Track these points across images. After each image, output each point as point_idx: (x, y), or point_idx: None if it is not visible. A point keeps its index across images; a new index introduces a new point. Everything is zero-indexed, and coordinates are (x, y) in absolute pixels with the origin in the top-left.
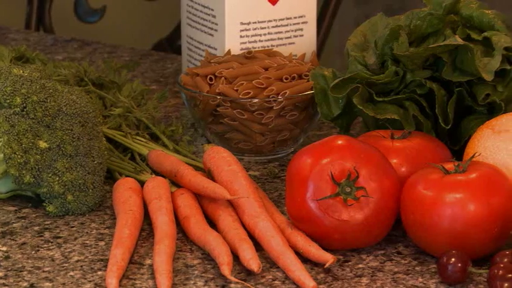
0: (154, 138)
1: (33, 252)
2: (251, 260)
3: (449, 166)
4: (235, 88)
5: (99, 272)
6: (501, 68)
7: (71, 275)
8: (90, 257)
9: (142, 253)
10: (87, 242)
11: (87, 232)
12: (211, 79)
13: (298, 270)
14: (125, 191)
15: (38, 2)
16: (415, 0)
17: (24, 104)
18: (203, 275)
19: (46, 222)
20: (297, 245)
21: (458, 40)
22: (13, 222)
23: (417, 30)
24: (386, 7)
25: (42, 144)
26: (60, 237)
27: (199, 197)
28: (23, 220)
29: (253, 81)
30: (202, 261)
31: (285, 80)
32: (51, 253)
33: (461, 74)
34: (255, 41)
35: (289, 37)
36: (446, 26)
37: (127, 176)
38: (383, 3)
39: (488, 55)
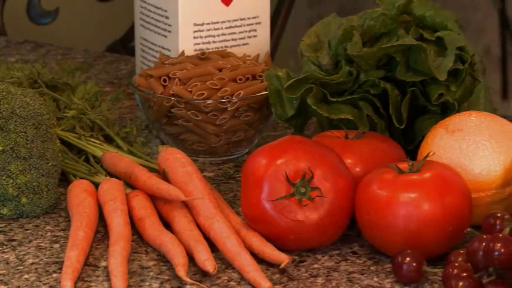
0: (109, 140)
1: None
2: (206, 261)
3: (404, 166)
4: (189, 89)
5: (54, 275)
6: (454, 68)
7: (25, 278)
8: (45, 259)
9: (97, 255)
10: (42, 244)
11: (41, 235)
12: (165, 80)
13: (254, 271)
14: (79, 193)
15: None
16: (368, 1)
17: None
18: (158, 276)
19: (0, 225)
20: (252, 246)
21: (412, 40)
22: None
23: (370, 30)
24: (339, 7)
25: None
26: (14, 240)
27: (154, 199)
28: None
29: (207, 82)
30: (157, 262)
31: (239, 81)
32: (6, 256)
33: (415, 73)
34: (208, 42)
35: (243, 38)
36: (400, 26)
37: (81, 178)
38: (336, 3)
39: (441, 55)
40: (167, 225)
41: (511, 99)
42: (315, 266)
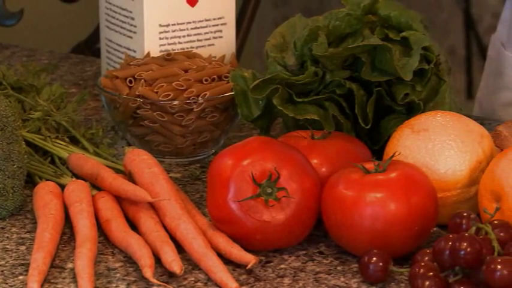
0: (74, 141)
1: None
2: (173, 262)
3: (370, 166)
4: (155, 90)
5: (21, 277)
6: (419, 68)
7: None
8: (11, 261)
9: (63, 257)
10: (8, 246)
11: (7, 237)
12: (130, 81)
13: (221, 272)
14: (45, 195)
15: None
16: (334, 1)
17: None
18: (125, 278)
19: None
20: (219, 247)
21: (377, 40)
22: None
23: (336, 30)
24: (304, 8)
25: None
26: None
27: (121, 200)
28: None
29: (173, 83)
30: (124, 264)
31: (205, 82)
32: None
33: (380, 73)
34: (174, 43)
35: (209, 39)
36: (365, 26)
37: (47, 179)
38: (301, 4)
39: (406, 55)
40: (133, 226)
41: (476, 98)
42: (282, 266)
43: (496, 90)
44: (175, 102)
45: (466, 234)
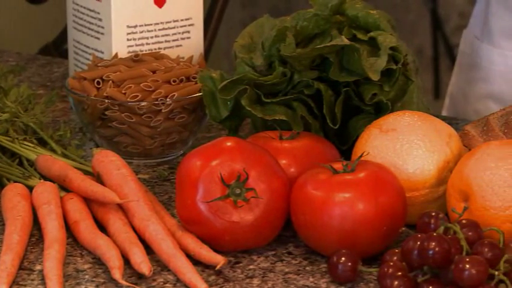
0: (42, 143)
1: None
2: (142, 263)
3: (338, 166)
4: (123, 91)
5: None
6: (387, 68)
7: None
8: None
9: (32, 259)
10: None
11: None
12: (98, 83)
13: (190, 273)
14: (13, 197)
15: None
16: (301, 1)
17: None
18: (94, 279)
19: None
20: (188, 248)
21: (345, 40)
22: None
23: (304, 31)
24: (272, 8)
25: None
26: None
27: (89, 202)
28: None
29: (141, 84)
30: (93, 265)
31: (173, 83)
32: None
33: (348, 74)
34: (142, 44)
35: (177, 40)
36: (333, 27)
37: (15, 181)
38: (269, 4)
39: (374, 55)
40: (102, 228)
41: (443, 98)
42: (251, 267)
43: (470, 83)
44: (144, 103)
45: (435, 234)
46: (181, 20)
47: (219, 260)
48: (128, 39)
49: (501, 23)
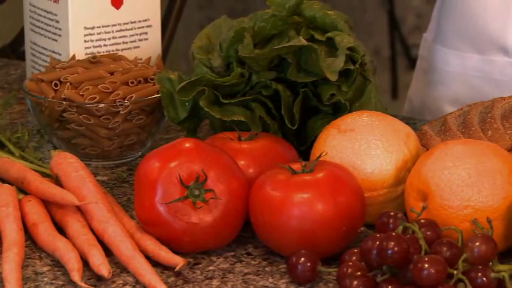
0: (0, 145)
1: None
2: (101, 265)
3: (297, 166)
4: (81, 93)
5: None
6: (345, 68)
7: None
8: None
9: None
10: None
11: None
12: (56, 85)
13: (149, 274)
14: None
15: None
16: (259, 3)
17: None
18: (53, 282)
19: None
20: (147, 249)
21: (302, 41)
22: None
23: (261, 31)
24: (229, 9)
25: None
26: None
27: (48, 204)
28: None
29: (99, 86)
30: (51, 268)
31: (131, 84)
32: None
33: (306, 74)
34: (99, 46)
35: (134, 41)
36: (290, 27)
37: None
38: (226, 5)
39: (332, 55)
40: (61, 230)
41: (401, 98)
42: (210, 268)
43: (428, 86)
44: (102, 105)
45: (393, 234)
46: (139, 22)
47: (178, 261)
48: (85, 41)
49: (455, 25)
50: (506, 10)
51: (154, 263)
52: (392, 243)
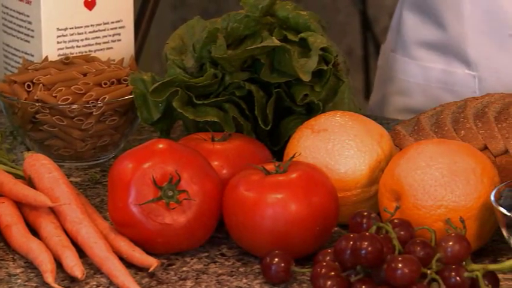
0: None
1: None
2: (74, 266)
3: (270, 167)
4: (53, 94)
5: None
6: (318, 69)
7: None
8: None
9: None
10: None
11: None
12: (29, 86)
13: (123, 276)
14: None
15: None
16: (231, 3)
17: None
18: (26, 283)
19: None
20: (121, 250)
21: (275, 41)
22: None
23: (234, 32)
24: (202, 10)
25: None
26: None
27: (21, 205)
28: None
29: (71, 87)
30: (25, 269)
31: (104, 85)
32: None
33: (279, 75)
34: (72, 47)
35: (107, 42)
36: (263, 28)
37: None
38: (199, 6)
39: (305, 56)
40: (34, 232)
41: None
42: (184, 269)
43: (387, 97)
44: (75, 106)
45: (367, 234)
46: (112, 23)
47: (152, 262)
48: (58, 42)
49: (417, 35)
50: (465, 22)
51: (128, 264)
52: (365, 243)
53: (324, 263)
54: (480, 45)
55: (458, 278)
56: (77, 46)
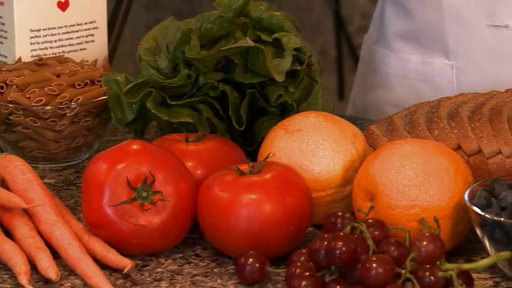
0: None
1: None
2: (49, 268)
3: (244, 167)
4: (27, 96)
5: None
6: (292, 69)
7: None
8: None
9: None
10: None
11: None
12: (2, 87)
13: (97, 277)
14: None
15: None
16: (205, 4)
17: None
18: (0, 285)
19: None
20: (95, 252)
21: (249, 42)
22: None
23: (208, 33)
24: (176, 11)
25: None
26: None
27: None
28: None
29: (45, 89)
30: None
31: (77, 86)
32: None
33: (253, 75)
34: (46, 48)
35: (81, 43)
36: (237, 28)
37: None
38: (173, 7)
39: (279, 56)
40: (8, 233)
41: (347, 99)
42: (159, 269)
43: (369, 89)
44: (48, 108)
45: (341, 234)
46: (85, 24)
47: (126, 263)
48: (31, 43)
49: (396, 27)
50: (444, 12)
51: (103, 265)
52: (340, 243)
53: (299, 263)
54: (458, 35)
55: (432, 278)
56: (51, 47)
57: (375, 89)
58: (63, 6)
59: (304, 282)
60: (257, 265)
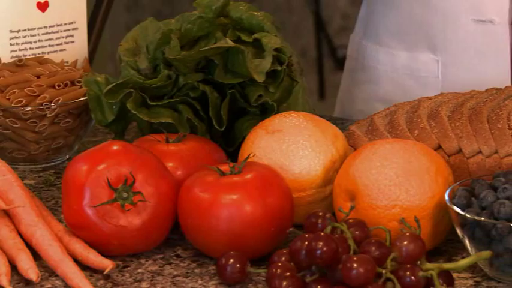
0: None
1: None
2: (29, 269)
3: (225, 168)
4: (7, 97)
5: None
6: (272, 69)
7: None
8: None
9: None
10: None
11: None
12: None
13: (78, 278)
14: None
15: None
16: (185, 5)
17: None
18: None
19: None
20: (76, 253)
21: (229, 42)
22: None
23: (188, 33)
24: (156, 12)
25: None
26: None
27: None
28: None
29: (25, 89)
30: None
31: (57, 87)
32: None
33: (234, 76)
34: (25, 49)
35: (60, 44)
36: (217, 29)
37: None
38: (153, 7)
39: (259, 56)
40: None
41: (328, 99)
42: (139, 270)
43: (357, 86)
44: (28, 109)
45: (322, 234)
46: (65, 24)
47: (107, 264)
48: (11, 44)
49: (386, 22)
50: (430, 6)
51: (83, 266)
52: (321, 243)
53: (280, 264)
54: (444, 30)
55: (413, 278)
56: (30, 48)
57: (364, 86)
58: (42, 7)
59: (285, 283)
60: (238, 265)
